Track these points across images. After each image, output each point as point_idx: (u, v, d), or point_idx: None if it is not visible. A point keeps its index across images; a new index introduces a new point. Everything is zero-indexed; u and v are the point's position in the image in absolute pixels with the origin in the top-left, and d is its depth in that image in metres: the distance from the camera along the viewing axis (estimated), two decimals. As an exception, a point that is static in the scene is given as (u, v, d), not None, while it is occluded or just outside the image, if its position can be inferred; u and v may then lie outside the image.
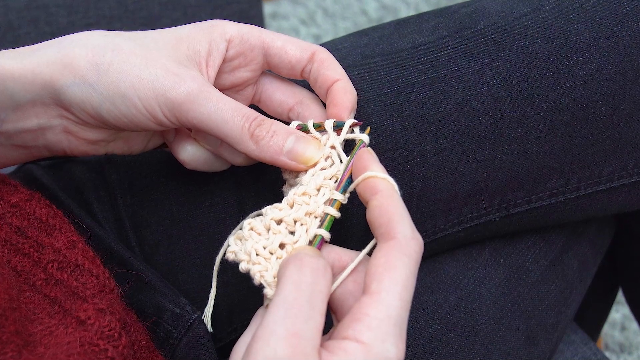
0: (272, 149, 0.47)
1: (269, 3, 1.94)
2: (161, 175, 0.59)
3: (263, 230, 0.46)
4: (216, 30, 0.50)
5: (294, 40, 0.52)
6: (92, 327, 0.43)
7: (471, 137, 0.56)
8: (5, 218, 0.50)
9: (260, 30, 0.51)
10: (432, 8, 0.82)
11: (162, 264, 0.59)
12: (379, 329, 0.38)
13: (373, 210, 0.42)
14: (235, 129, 0.47)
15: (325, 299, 0.39)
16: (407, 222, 0.41)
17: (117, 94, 0.46)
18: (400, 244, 0.40)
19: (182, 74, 0.47)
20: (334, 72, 0.51)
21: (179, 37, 0.50)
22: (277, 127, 0.48)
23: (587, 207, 0.61)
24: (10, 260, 0.48)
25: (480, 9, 0.59)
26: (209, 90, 0.47)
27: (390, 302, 0.39)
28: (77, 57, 0.46)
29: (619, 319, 1.30)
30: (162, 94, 0.46)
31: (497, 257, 0.63)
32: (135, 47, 0.47)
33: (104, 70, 0.46)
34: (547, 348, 0.66)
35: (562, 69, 0.56)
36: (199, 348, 0.53)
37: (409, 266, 0.40)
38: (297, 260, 0.40)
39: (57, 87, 0.46)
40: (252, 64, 0.52)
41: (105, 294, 0.46)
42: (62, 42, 0.48)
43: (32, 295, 0.46)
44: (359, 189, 0.44)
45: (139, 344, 0.47)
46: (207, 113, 0.46)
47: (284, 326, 0.37)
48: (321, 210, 0.46)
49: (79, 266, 0.47)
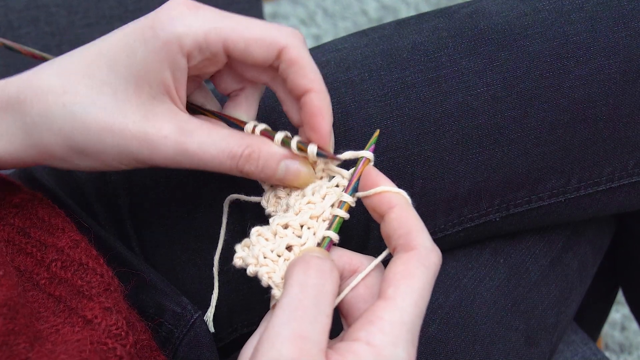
0: (263, 178, 0.47)
1: (269, 3, 1.94)
2: (161, 175, 0.59)
3: (270, 236, 0.46)
4: (171, 48, 0.44)
5: (258, 35, 0.45)
6: (100, 326, 0.43)
7: (471, 137, 0.56)
8: (8, 218, 0.50)
9: (219, 29, 0.45)
10: (432, 8, 0.82)
11: (163, 264, 0.59)
12: (391, 333, 0.38)
13: (391, 222, 0.43)
14: (224, 169, 0.46)
15: (332, 301, 0.39)
16: (426, 234, 0.42)
17: (102, 165, 0.47)
18: (420, 254, 0.41)
19: (153, 141, 0.45)
20: (305, 78, 0.45)
21: (137, 73, 0.45)
22: (265, 159, 0.46)
23: (587, 207, 0.61)
24: (13, 259, 0.48)
25: (480, 9, 0.59)
26: (186, 147, 0.45)
27: (405, 308, 0.39)
28: (50, 144, 0.46)
29: (619, 319, 1.30)
30: (143, 161, 0.46)
31: (497, 257, 0.63)
32: (100, 115, 0.45)
33: (80, 151, 0.46)
34: (547, 348, 0.66)
35: (562, 69, 0.56)
36: (201, 347, 0.53)
37: (427, 276, 0.40)
38: (303, 261, 0.40)
39: (43, 164, 0.48)
40: (217, 62, 0.47)
41: (111, 293, 0.46)
42: (23, 118, 0.46)
43: (36, 294, 0.47)
44: (372, 203, 0.44)
45: (142, 343, 0.47)
46: (191, 165, 0.46)
47: (290, 328, 0.37)
48: (329, 213, 0.46)
49: (83, 265, 0.47)
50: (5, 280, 0.42)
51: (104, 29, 0.94)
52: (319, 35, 1.88)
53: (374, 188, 0.44)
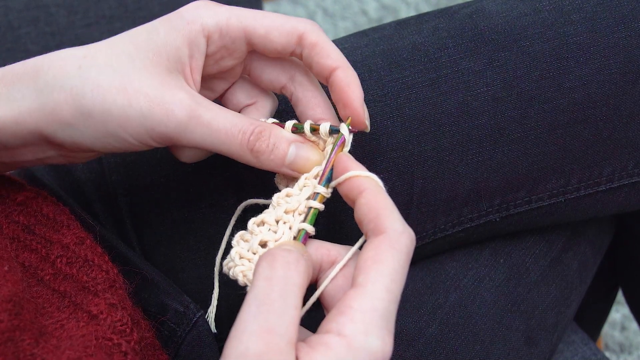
0: (273, 162, 0.47)
1: (269, 3, 1.94)
2: (161, 175, 0.59)
3: (249, 237, 0.46)
4: (193, 27, 0.46)
5: (278, 23, 0.47)
6: (105, 322, 0.43)
7: (471, 137, 0.57)
8: (12, 216, 0.50)
9: (241, 16, 0.47)
10: (432, 8, 0.82)
11: (163, 264, 0.59)
12: (362, 322, 0.37)
13: (361, 207, 0.42)
14: (234, 147, 0.46)
15: (299, 292, 0.38)
16: (396, 216, 0.41)
17: (106, 134, 0.45)
18: (390, 237, 0.40)
19: (167, 103, 0.45)
20: (329, 59, 0.47)
21: (156, 47, 0.46)
22: (276, 138, 0.46)
23: (587, 207, 0.61)
24: (18, 255, 0.48)
25: (480, 10, 0.59)
26: (199, 114, 0.45)
27: (376, 294, 0.38)
28: (58, 104, 0.45)
29: (619, 319, 1.30)
30: (152, 128, 0.45)
31: (497, 257, 0.64)
32: (114, 77, 0.45)
33: (88, 113, 0.44)
34: (547, 348, 0.66)
35: (562, 70, 0.56)
36: (203, 346, 0.53)
37: (398, 259, 0.40)
38: (269, 255, 0.39)
39: (44, 133, 0.45)
40: (236, 53, 0.49)
41: (116, 290, 0.46)
42: (37, 82, 0.45)
43: (41, 289, 0.47)
44: (343, 190, 0.44)
45: (145, 342, 0.47)
46: (201, 138, 0.45)
47: (257, 322, 0.36)
48: (304, 206, 0.46)
49: (88, 261, 0.47)
50: (10, 276, 0.42)
51: (104, 29, 0.94)
52: (319, 35, 1.88)
53: (344, 174, 0.44)
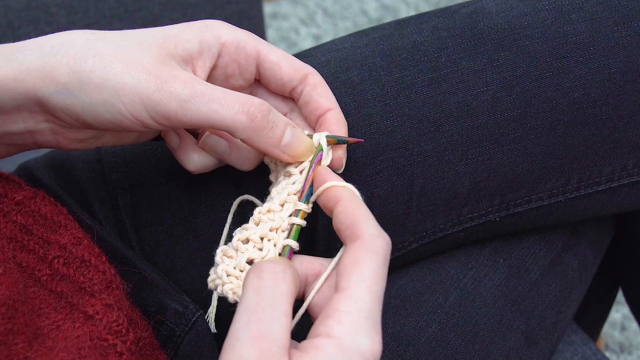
0: (271, 140, 0.47)
1: (269, 3, 1.94)
2: (161, 175, 0.59)
3: (233, 253, 0.47)
4: (210, 31, 0.48)
5: (289, 57, 0.51)
6: (101, 322, 0.43)
7: (471, 137, 0.56)
8: (10, 216, 0.50)
9: (256, 39, 0.50)
10: (432, 8, 0.82)
11: (163, 264, 0.59)
12: (349, 323, 0.38)
13: (338, 215, 0.43)
14: (237, 121, 0.45)
15: (288, 300, 0.39)
16: (371, 222, 0.42)
17: (100, 101, 0.45)
18: (366, 242, 0.41)
19: (163, 75, 0.45)
20: (327, 100, 0.51)
21: (167, 35, 0.48)
22: (275, 117, 0.47)
23: (587, 207, 0.61)
24: (15, 256, 0.48)
25: (480, 9, 0.59)
26: (194, 88, 0.45)
27: (359, 296, 0.39)
28: (59, 65, 0.45)
29: (619, 319, 1.30)
30: (147, 97, 0.45)
31: (497, 257, 0.63)
32: (117, 50, 0.46)
33: (86, 78, 0.45)
34: (547, 348, 0.66)
35: (562, 69, 0.56)
36: (202, 346, 0.53)
37: (376, 262, 0.41)
38: (256, 268, 0.40)
39: (39, 95, 0.46)
40: (246, 73, 0.51)
41: (112, 290, 0.46)
42: (43, 46, 0.46)
43: (37, 290, 0.47)
44: (322, 202, 0.46)
45: (144, 342, 0.47)
46: (205, 114, 0.45)
47: (249, 330, 0.37)
48: (287, 223, 0.47)
49: (85, 262, 0.47)
50: (5, 278, 0.42)
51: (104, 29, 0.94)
52: (319, 35, 1.88)
53: (322, 186, 0.45)
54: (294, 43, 1.85)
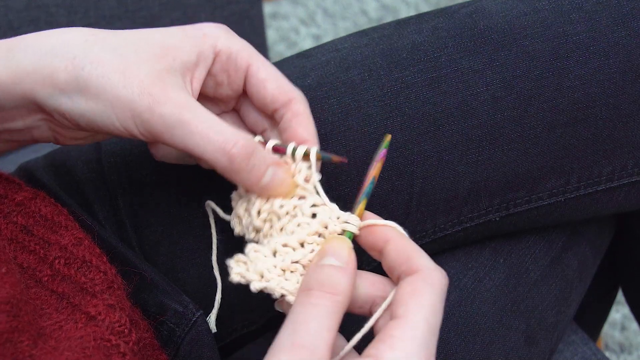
0: (248, 181, 0.47)
1: (269, 3, 1.94)
2: (161, 175, 0.59)
3: (269, 253, 0.46)
4: (207, 41, 0.48)
5: (279, 77, 0.50)
6: (103, 323, 0.43)
7: (471, 137, 0.57)
8: (11, 217, 0.50)
9: (251, 53, 0.49)
10: (432, 8, 0.82)
11: (163, 264, 0.59)
12: (402, 350, 0.38)
13: (390, 254, 0.44)
14: (212, 153, 0.45)
15: (333, 317, 0.40)
16: (426, 256, 0.43)
17: (95, 109, 0.45)
18: (424, 274, 0.41)
19: (156, 95, 0.45)
20: (305, 131, 0.49)
21: (166, 46, 0.47)
22: (258, 159, 0.46)
23: (587, 207, 0.61)
24: (16, 257, 0.48)
25: (480, 9, 0.59)
26: (182, 116, 0.45)
27: (416, 323, 0.39)
28: (57, 70, 0.45)
29: (619, 319, 1.30)
30: (138, 114, 0.45)
31: (497, 257, 0.63)
32: (115, 59, 0.46)
33: (83, 85, 0.45)
34: (547, 348, 0.66)
35: (561, 69, 0.56)
36: (202, 346, 0.53)
37: (435, 293, 0.41)
38: (305, 284, 0.41)
39: (37, 97, 0.46)
40: (234, 84, 0.50)
41: (114, 290, 0.46)
42: (41, 47, 0.46)
43: (38, 291, 0.47)
44: (368, 243, 0.45)
45: (144, 342, 0.47)
46: (182, 139, 0.45)
47: (290, 339, 0.38)
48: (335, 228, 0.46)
49: (86, 262, 0.48)
50: (8, 278, 0.42)
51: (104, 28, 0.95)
52: (319, 35, 1.88)
53: (366, 220, 0.46)
54: (294, 43, 1.85)
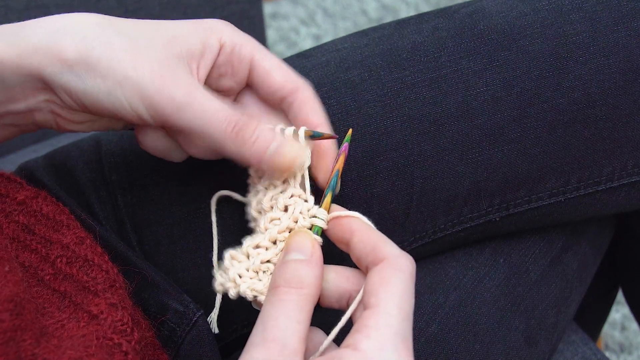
0: (256, 153, 0.47)
1: (269, 3, 1.94)
2: (161, 175, 0.59)
3: (243, 257, 0.48)
4: (213, 33, 0.50)
5: (284, 67, 0.51)
6: (105, 322, 0.44)
7: (471, 137, 0.57)
8: (12, 216, 0.50)
9: (254, 45, 0.51)
10: (432, 8, 0.82)
11: (163, 264, 0.59)
12: (377, 338, 0.39)
13: (356, 245, 0.44)
14: (219, 133, 0.46)
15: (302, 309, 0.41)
16: (392, 244, 0.43)
17: (102, 89, 0.46)
18: (391, 262, 0.42)
19: (166, 77, 0.46)
20: (317, 117, 0.50)
21: (174, 35, 0.49)
22: (260, 131, 0.47)
23: (587, 207, 0.61)
24: (18, 256, 0.48)
25: (480, 9, 0.59)
26: (192, 96, 0.46)
27: (389, 312, 0.40)
28: (66, 47, 0.45)
29: (619, 319, 1.30)
30: (147, 96, 0.45)
31: (497, 257, 0.64)
32: (126, 42, 0.46)
33: (92, 64, 0.45)
34: (547, 348, 0.66)
35: (561, 69, 0.56)
36: (203, 346, 0.53)
37: (403, 280, 0.41)
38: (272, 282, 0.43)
39: (44, 74, 0.46)
40: (237, 76, 0.51)
41: (116, 289, 0.47)
42: (51, 25, 0.46)
43: (41, 290, 0.47)
44: (335, 236, 0.46)
45: (146, 341, 0.47)
46: (189, 119, 0.46)
47: (261, 335, 0.40)
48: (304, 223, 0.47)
49: (89, 261, 0.48)
50: (11, 276, 0.42)
51: (104, 29, 0.94)
52: (319, 35, 1.88)
53: (331, 213, 0.47)
54: (294, 43, 1.85)
